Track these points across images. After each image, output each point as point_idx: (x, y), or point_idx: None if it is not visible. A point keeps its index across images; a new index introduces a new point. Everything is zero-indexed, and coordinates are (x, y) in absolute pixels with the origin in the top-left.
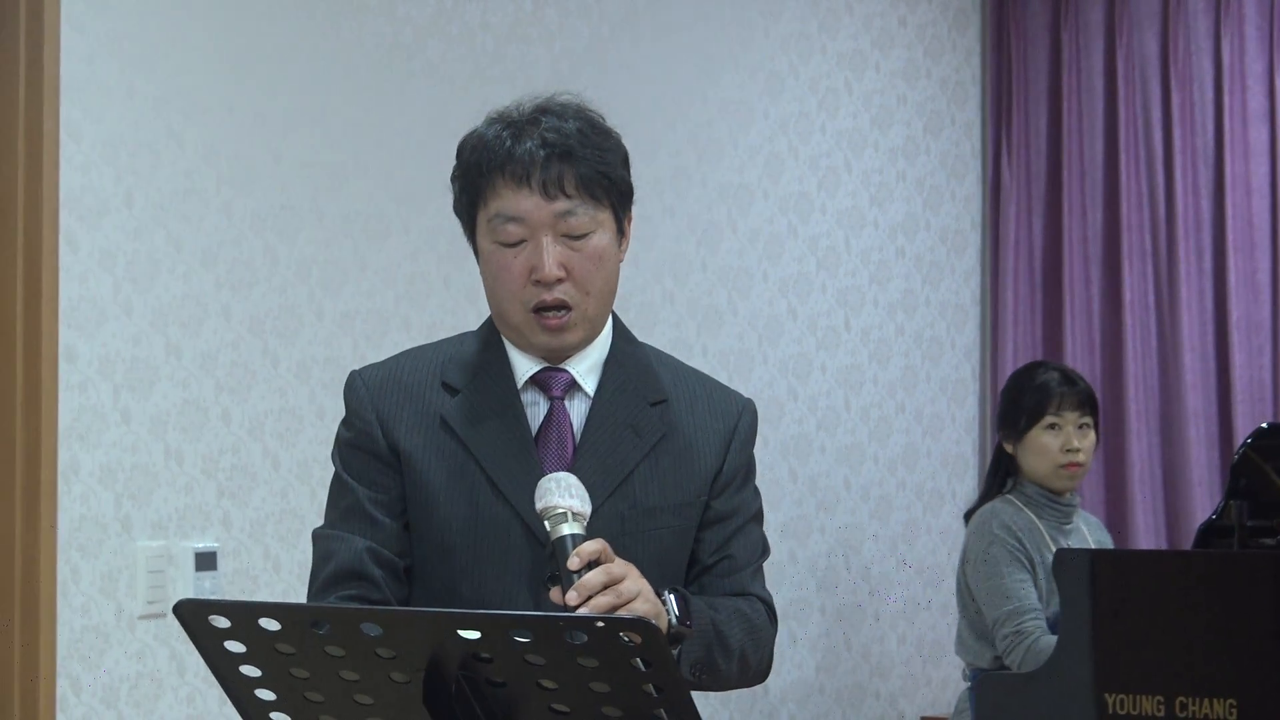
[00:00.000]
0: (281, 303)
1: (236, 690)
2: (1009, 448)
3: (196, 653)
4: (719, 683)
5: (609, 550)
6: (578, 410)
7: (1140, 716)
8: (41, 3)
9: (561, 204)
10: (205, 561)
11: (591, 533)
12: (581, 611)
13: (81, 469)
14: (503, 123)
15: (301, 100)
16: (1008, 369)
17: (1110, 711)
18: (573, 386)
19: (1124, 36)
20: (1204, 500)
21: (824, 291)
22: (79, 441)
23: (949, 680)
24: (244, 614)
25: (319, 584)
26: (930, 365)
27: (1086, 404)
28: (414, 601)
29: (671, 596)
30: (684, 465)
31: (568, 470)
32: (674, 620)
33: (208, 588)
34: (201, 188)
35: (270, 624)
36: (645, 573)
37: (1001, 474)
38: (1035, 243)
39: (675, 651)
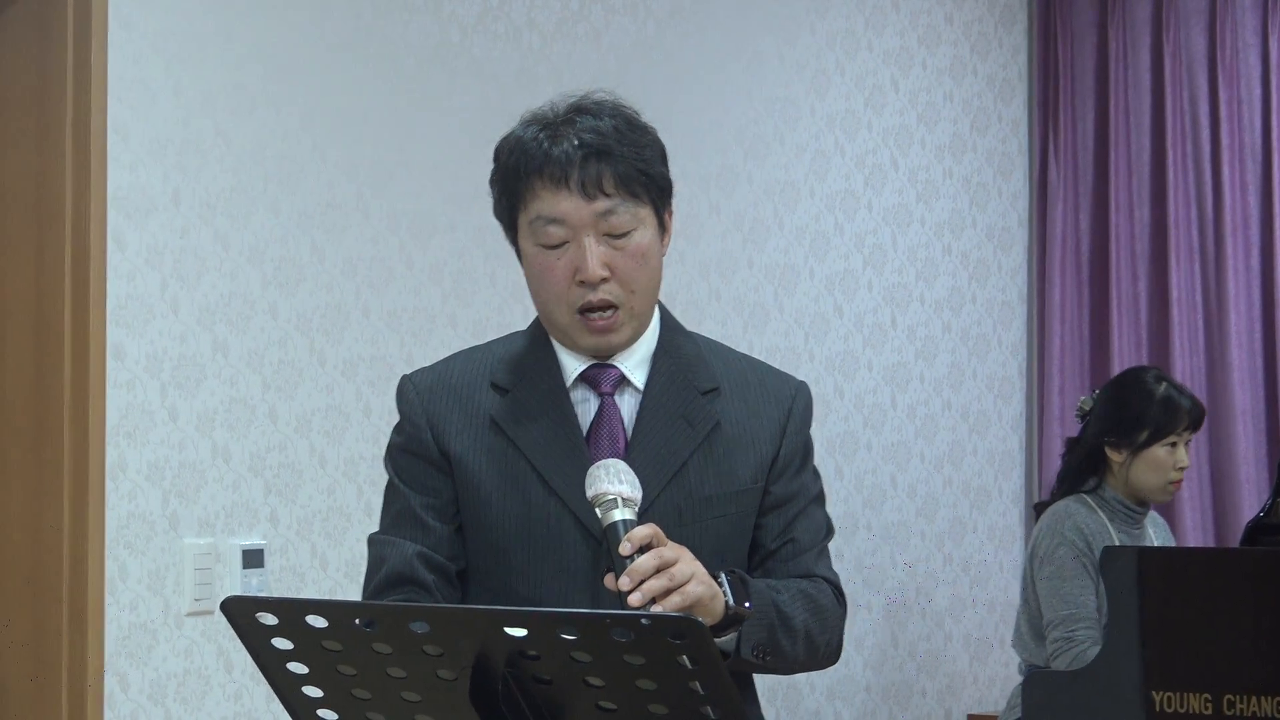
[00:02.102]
0: (328, 301)
1: (283, 687)
2: (1116, 456)
3: (244, 650)
4: (785, 664)
5: (661, 534)
6: (628, 405)
7: (1188, 714)
8: (89, 2)
9: (601, 203)
10: (252, 559)
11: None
12: (634, 596)
13: (129, 467)
14: (539, 124)
15: (348, 99)
16: (1055, 367)
17: (1158, 709)
18: (622, 381)
19: (1171, 33)
20: (1251, 498)
21: (870, 289)
22: (126, 439)
23: (996, 678)
24: (291, 611)
25: (371, 590)
26: (977, 363)
27: (1201, 420)
28: (470, 602)
29: (727, 578)
30: (739, 452)
31: None
32: (730, 602)
33: (255, 585)
34: (248, 186)
35: (317, 621)
36: (705, 562)
37: (1086, 473)
38: (1082, 240)
39: (735, 634)
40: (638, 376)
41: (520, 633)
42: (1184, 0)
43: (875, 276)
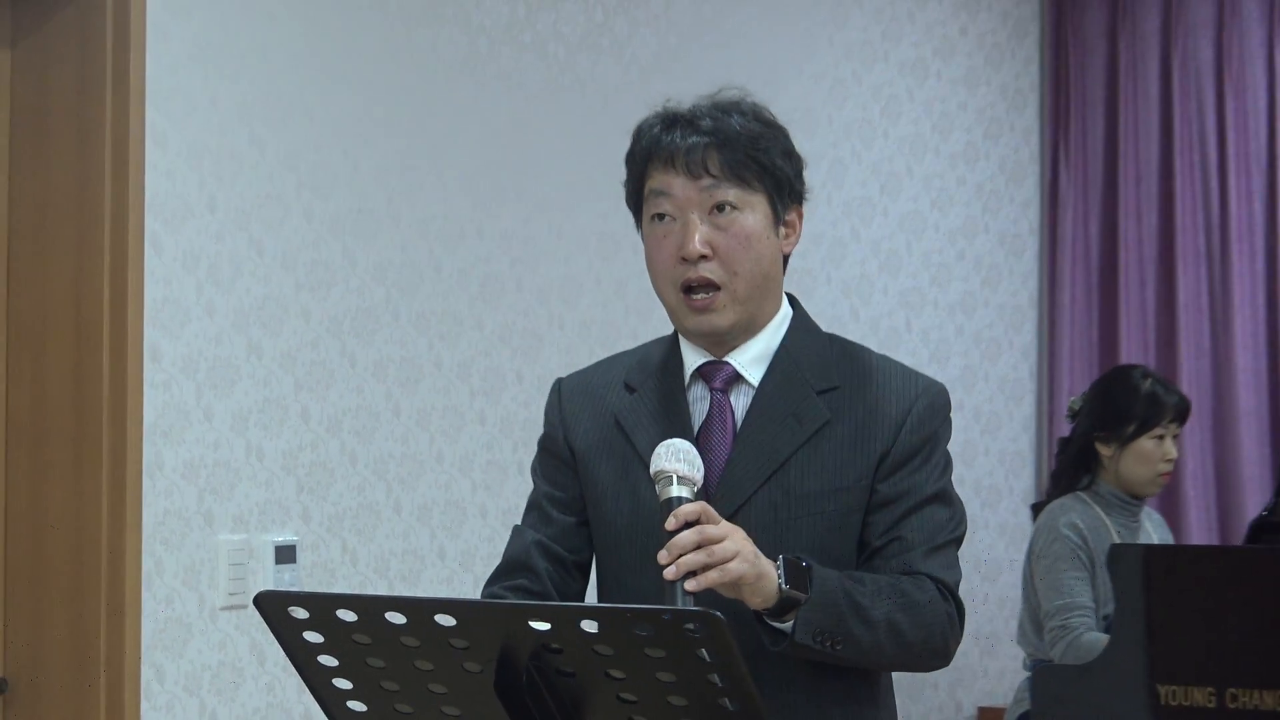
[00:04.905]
0: (359, 304)
1: (315, 679)
2: (1106, 450)
3: (276, 643)
4: (867, 656)
5: (711, 512)
6: (741, 402)
7: (1192, 707)
8: (128, 13)
9: (706, 182)
10: (285, 554)
11: (744, 520)
12: (669, 570)
13: (165, 465)
14: (664, 112)
15: (379, 107)
16: (1065, 369)
17: (1163, 702)
18: (737, 379)
19: (1179, 44)
20: (1255, 497)
21: (885, 293)
22: (163, 438)
23: (1005, 671)
24: (322, 605)
25: (493, 573)
26: (989, 365)
27: (1187, 413)
28: (598, 590)
29: (784, 563)
30: (848, 451)
31: (726, 460)
32: (783, 585)
33: (287, 580)
34: (282, 193)
35: (347, 615)
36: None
37: (1079, 470)
38: (1092, 246)
39: (790, 620)
40: (753, 374)
41: (543, 626)
42: (1192, 12)
43: (890, 281)
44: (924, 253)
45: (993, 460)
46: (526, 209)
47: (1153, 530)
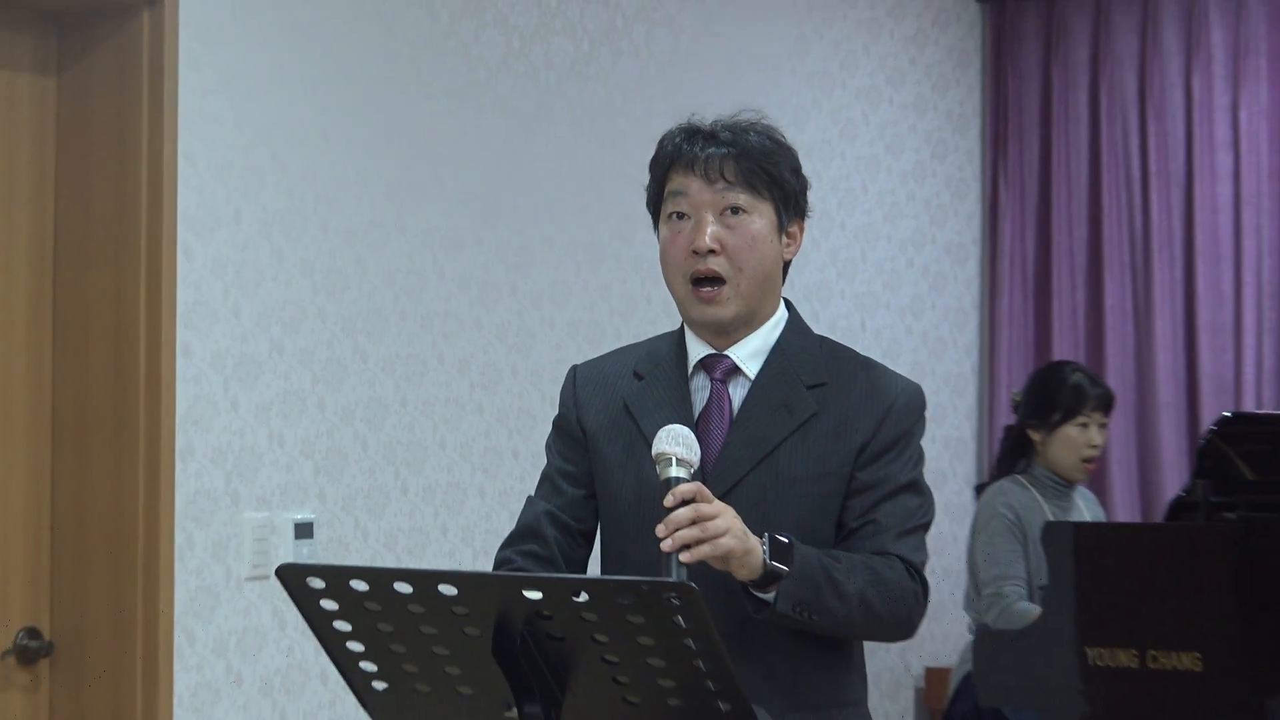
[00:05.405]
0: (370, 306)
1: (330, 643)
2: (1036, 436)
3: (296, 610)
4: (841, 626)
5: (706, 492)
6: (739, 392)
7: (1117, 667)
8: (162, 45)
9: (720, 186)
10: (303, 531)
11: (735, 500)
12: (665, 543)
13: (196, 450)
14: (686, 125)
15: (387, 130)
16: (1004, 365)
17: (1090, 663)
18: (735, 371)
19: (1107, 74)
20: (1173, 480)
21: (843, 297)
22: (194, 426)
23: (949, 635)
24: (337, 576)
25: (507, 538)
26: (935, 361)
27: (1110, 405)
28: (602, 560)
29: (769, 540)
30: (832, 441)
31: (721, 445)
32: (767, 560)
33: (305, 554)
34: (300, 206)
35: (359, 585)
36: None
37: (1016, 456)
38: (1028, 255)
39: (773, 592)
40: (750, 367)
41: (536, 595)
42: (1118, 46)
43: (847, 286)
44: (877, 261)
45: (938, 447)
46: (520, 220)
47: (1085, 508)
